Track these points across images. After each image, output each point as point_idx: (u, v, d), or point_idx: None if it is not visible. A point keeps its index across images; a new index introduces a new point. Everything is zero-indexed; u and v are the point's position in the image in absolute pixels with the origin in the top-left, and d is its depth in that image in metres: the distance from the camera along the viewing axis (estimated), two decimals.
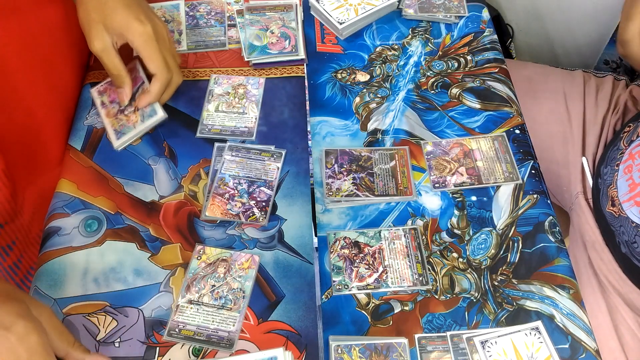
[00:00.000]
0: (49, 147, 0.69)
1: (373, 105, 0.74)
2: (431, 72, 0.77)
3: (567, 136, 0.89)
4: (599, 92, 0.90)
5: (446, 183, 0.67)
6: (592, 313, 0.78)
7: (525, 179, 0.67)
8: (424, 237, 0.63)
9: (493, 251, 0.62)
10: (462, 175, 0.67)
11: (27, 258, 0.69)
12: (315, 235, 0.64)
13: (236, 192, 0.65)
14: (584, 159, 0.86)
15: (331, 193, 0.65)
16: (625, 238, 0.71)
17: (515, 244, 0.63)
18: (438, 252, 0.62)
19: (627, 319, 0.76)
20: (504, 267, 0.61)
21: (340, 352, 0.55)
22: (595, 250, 0.80)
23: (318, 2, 0.81)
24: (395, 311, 0.58)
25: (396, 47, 0.79)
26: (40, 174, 0.68)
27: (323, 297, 0.59)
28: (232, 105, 0.73)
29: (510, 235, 0.63)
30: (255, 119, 0.72)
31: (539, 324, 0.57)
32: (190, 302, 0.58)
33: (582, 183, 0.86)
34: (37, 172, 0.68)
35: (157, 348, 0.56)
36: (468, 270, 0.61)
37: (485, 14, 0.83)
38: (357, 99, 0.74)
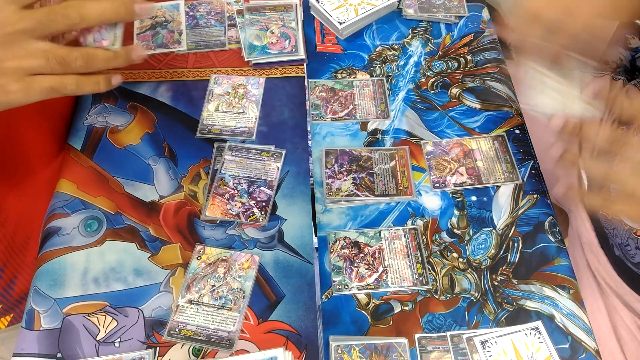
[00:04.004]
0: (32, 154, 0.67)
1: None
2: (431, 72, 0.77)
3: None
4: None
5: (446, 183, 0.67)
6: (592, 314, 0.77)
7: (525, 179, 0.67)
8: (424, 237, 0.63)
9: (493, 251, 0.62)
10: (462, 175, 0.67)
11: (10, 267, 0.68)
12: (315, 235, 0.64)
13: (236, 192, 0.65)
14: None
15: (331, 193, 0.65)
16: (618, 241, 0.71)
17: (515, 244, 0.63)
18: (438, 252, 0.62)
19: (626, 320, 0.75)
20: (504, 267, 0.61)
21: (340, 352, 0.55)
22: (592, 252, 0.80)
23: (318, 2, 0.81)
24: (395, 311, 0.58)
25: (396, 47, 0.79)
26: (22, 183, 0.67)
27: (323, 297, 0.59)
28: (232, 105, 0.73)
29: (510, 235, 0.63)
30: (255, 119, 0.72)
31: (539, 324, 0.57)
32: (190, 302, 0.58)
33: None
34: (18, 182, 0.67)
35: (157, 348, 0.56)
36: (468, 270, 0.61)
37: (485, 13, 0.83)
38: None
